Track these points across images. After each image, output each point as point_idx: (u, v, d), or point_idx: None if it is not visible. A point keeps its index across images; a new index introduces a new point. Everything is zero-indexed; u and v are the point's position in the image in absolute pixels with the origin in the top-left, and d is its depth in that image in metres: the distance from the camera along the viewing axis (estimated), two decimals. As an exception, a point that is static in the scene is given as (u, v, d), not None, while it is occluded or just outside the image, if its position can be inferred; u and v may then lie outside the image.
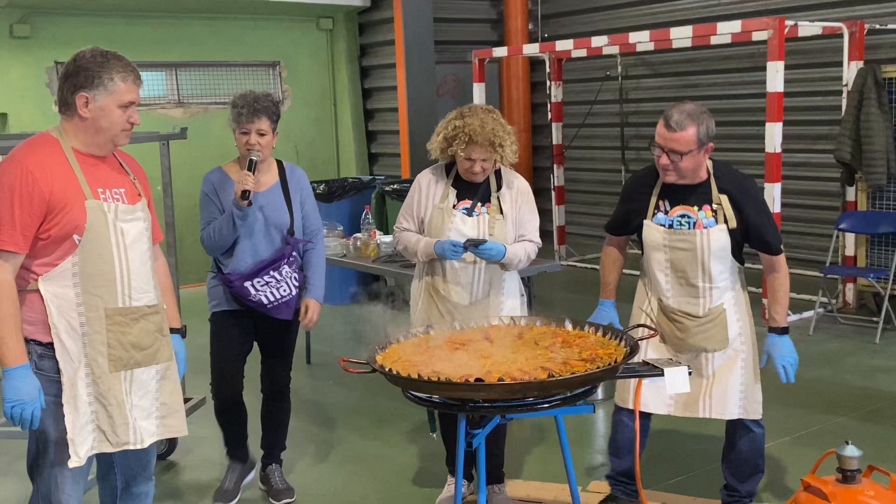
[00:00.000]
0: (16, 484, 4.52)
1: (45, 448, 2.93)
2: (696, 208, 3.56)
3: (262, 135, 3.94)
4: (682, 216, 3.59)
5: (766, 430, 3.78)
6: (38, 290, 2.84)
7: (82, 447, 2.90)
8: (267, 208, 4.02)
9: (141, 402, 3.01)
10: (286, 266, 4.04)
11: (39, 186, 2.77)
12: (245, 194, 3.86)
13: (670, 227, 3.61)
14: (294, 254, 4.08)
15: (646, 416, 3.75)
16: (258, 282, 4.00)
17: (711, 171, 3.59)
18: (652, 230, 3.64)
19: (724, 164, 3.65)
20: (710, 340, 3.61)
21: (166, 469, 4.69)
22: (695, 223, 3.56)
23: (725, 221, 3.53)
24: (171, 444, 4.77)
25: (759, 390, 3.70)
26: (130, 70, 2.91)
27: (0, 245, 2.76)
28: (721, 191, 3.55)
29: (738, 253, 3.62)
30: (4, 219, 2.76)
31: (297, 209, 4.11)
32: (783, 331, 3.64)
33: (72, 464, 2.89)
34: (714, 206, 3.55)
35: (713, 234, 3.53)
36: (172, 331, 3.19)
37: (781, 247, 3.63)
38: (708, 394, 3.64)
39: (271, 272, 4.01)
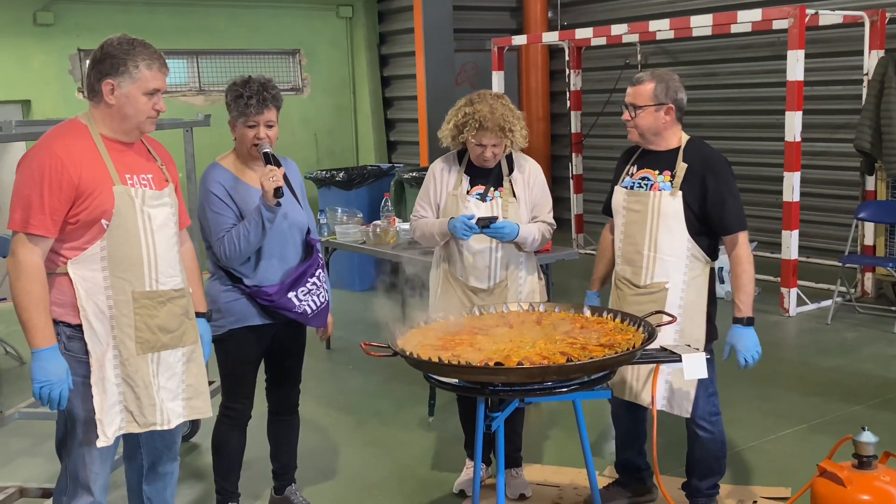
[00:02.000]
0: (43, 464, 4.60)
1: (73, 428, 2.99)
2: (657, 172, 3.59)
3: (270, 127, 3.58)
4: (644, 178, 3.62)
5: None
6: (67, 274, 2.89)
7: (110, 427, 2.96)
8: (284, 209, 3.61)
9: (168, 384, 3.06)
10: (320, 269, 3.77)
11: (68, 172, 2.83)
12: (278, 192, 3.44)
13: (631, 188, 3.64)
14: (319, 255, 3.81)
15: (638, 407, 3.77)
16: (302, 291, 3.67)
17: (683, 143, 3.61)
18: (617, 193, 3.70)
19: (699, 141, 3.66)
20: (641, 314, 3.43)
21: (190, 450, 4.76)
22: (652, 185, 3.58)
23: (681, 189, 3.51)
24: (194, 425, 4.84)
25: (691, 389, 3.54)
26: (156, 58, 2.94)
27: (30, 229, 2.81)
28: (685, 160, 3.55)
29: (698, 237, 3.54)
30: (34, 204, 2.81)
31: (303, 204, 3.78)
32: (749, 321, 3.51)
33: (100, 443, 2.95)
34: (674, 172, 3.55)
35: (664, 198, 3.53)
36: (197, 314, 3.24)
37: (744, 232, 3.53)
38: (635, 377, 3.60)
39: (309, 279, 3.71)
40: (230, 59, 11.05)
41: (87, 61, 2.99)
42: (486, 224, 3.69)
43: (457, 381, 3.12)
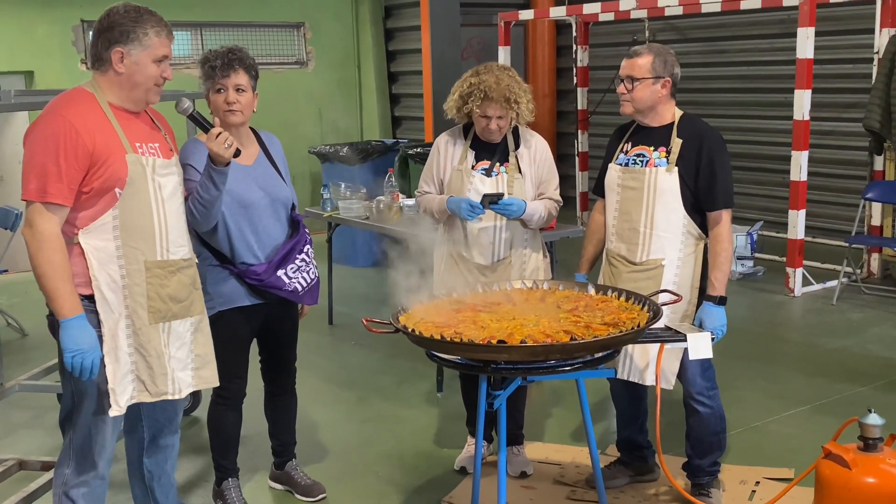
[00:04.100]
0: (43, 436, 4.59)
1: (80, 400, 2.98)
2: (651, 148, 3.56)
3: (240, 91, 3.45)
4: (639, 155, 3.58)
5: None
6: (78, 244, 2.87)
7: (122, 397, 2.96)
8: (267, 185, 3.56)
9: (178, 354, 3.08)
10: (308, 245, 3.71)
11: (83, 140, 2.80)
12: (237, 153, 3.21)
13: (626, 165, 3.60)
14: (306, 230, 3.74)
15: (636, 385, 3.74)
16: (291, 268, 3.60)
17: (677, 119, 3.58)
18: (611, 171, 3.66)
19: (694, 117, 3.63)
20: (639, 291, 3.40)
21: (191, 424, 4.75)
22: (647, 161, 3.55)
23: (677, 165, 3.48)
24: (195, 399, 4.83)
25: (675, 361, 3.54)
26: (163, 25, 2.95)
27: (48, 198, 2.78)
28: (679, 136, 3.52)
29: (693, 213, 3.51)
30: (51, 172, 2.78)
31: (286, 181, 3.69)
32: (721, 300, 3.48)
33: (112, 413, 2.96)
34: (669, 147, 3.52)
35: (661, 174, 3.50)
36: None
37: (728, 210, 3.51)
38: (629, 355, 3.57)
39: (297, 255, 3.64)
40: (234, 31, 10.96)
41: (91, 31, 2.96)
42: (492, 201, 3.65)
43: (459, 358, 3.09)
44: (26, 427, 4.83)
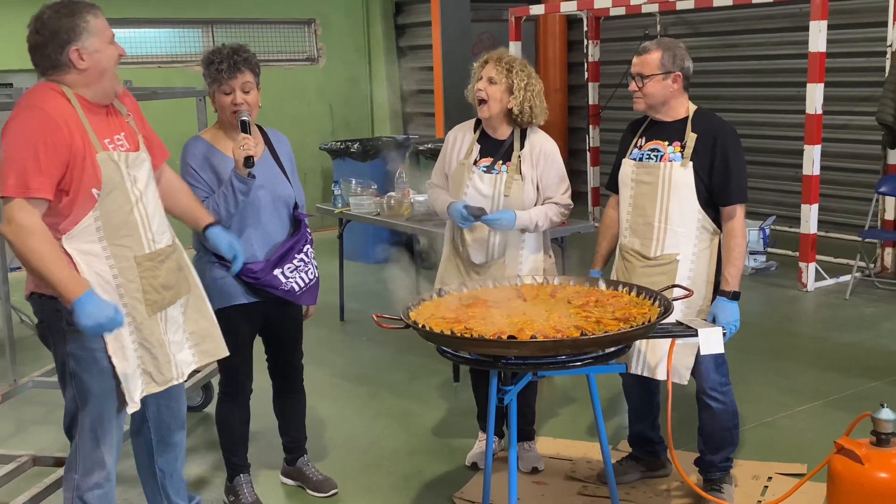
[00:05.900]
0: (56, 432, 4.57)
1: (84, 402, 2.97)
2: (666, 143, 3.55)
3: (246, 91, 3.49)
4: (653, 150, 3.57)
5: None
6: (63, 249, 2.81)
7: (136, 392, 2.98)
8: (269, 182, 3.54)
9: (175, 338, 3.10)
10: (308, 245, 3.68)
11: (62, 134, 2.75)
12: (248, 161, 3.33)
13: (640, 160, 3.59)
14: (308, 230, 3.72)
15: (649, 380, 3.73)
16: (288, 268, 3.59)
17: (691, 113, 3.57)
18: (625, 166, 3.64)
19: (708, 111, 3.62)
20: (653, 287, 3.38)
21: (202, 421, 4.76)
22: (662, 156, 3.54)
23: (691, 160, 3.47)
24: (206, 395, 4.85)
25: (690, 356, 3.52)
26: (95, 6, 2.88)
27: (31, 193, 2.71)
28: (694, 130, 3.51)
29: (708, 207, 3.50)
30: (30, 168, 2.70)
31: (292, 179, 3.69)
32: (734, 296, 3.47)
33: (130, 409, 2.99)
34: (684, 142, 3.51)
35: (675, 169, 3.49)
36: (210, 225, 3.29)
37: (742, 205, 3.49)
38: (641, 351, 3.56)
39: (296, 255, 3.62)
40: (245, 28, 10.96)
41: (30, 47, 2.86)
42: (477, 215, 3.64)
43: (469, 353, 3.09)
44: (39, 423, 4.85)
